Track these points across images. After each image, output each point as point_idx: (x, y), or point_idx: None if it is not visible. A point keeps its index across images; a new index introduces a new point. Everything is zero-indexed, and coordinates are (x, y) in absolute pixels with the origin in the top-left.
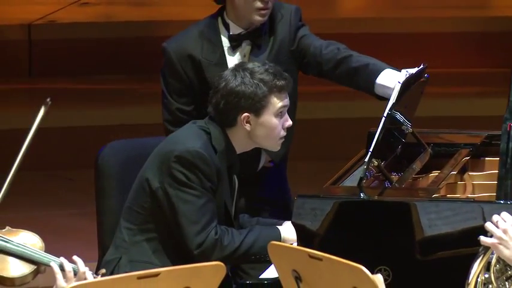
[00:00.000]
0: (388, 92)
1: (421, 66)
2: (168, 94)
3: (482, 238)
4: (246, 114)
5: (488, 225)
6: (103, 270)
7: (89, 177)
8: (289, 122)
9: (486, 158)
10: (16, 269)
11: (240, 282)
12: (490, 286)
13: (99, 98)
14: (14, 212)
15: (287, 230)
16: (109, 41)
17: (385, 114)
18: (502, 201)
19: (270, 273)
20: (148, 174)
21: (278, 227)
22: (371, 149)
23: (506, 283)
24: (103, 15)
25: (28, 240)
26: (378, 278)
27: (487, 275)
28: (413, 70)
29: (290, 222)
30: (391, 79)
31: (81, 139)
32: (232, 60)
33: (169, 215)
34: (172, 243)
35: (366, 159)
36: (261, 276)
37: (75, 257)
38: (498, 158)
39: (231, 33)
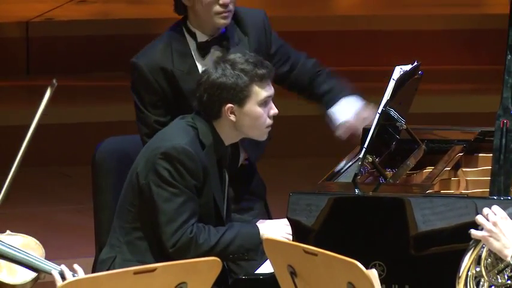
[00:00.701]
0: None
1: (415, 63)
2: (144, 108)
3: (472, 231)
4: (229, 105)
5: (479, 218)
6: None
7: (87, 174)
8: (275, 111)
9: (479, 154)
10: (17, 275)
11: (236, 278)
12: (482, 280)
13: (97, 95)
14: (12, 208)
15: (266, 228)
16: (106, 39)
17: (379, 111)
18: (495, 197)
19: (266, 268)
20: (138, 170)
21: (257, 224)
22: (365, 146)
23: (498, 277)
24: (100, 12)
25: (29, 247)
26: (373, 273)
27: (478, 269)
28: (407, 67)
29: (271, 221)
30: (343, 111)
31: (79, 136)
32: (203, 68)
33: (152, 212)
34: (158, 239)
35: (361, 156)
36: (256, 272)
37: (75, 266)
38: (491, 154)
39: (198, 41)
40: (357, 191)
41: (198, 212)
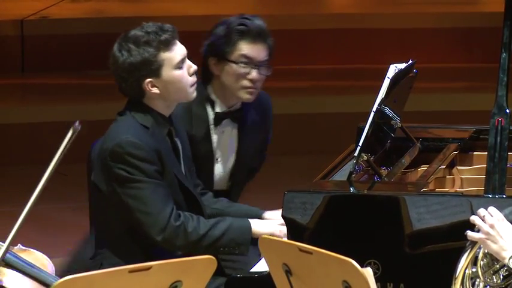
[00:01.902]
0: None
1: (410, 61)
2: None
3: (469, 233)
4: (147, 80)
5: (475, 220)
6: None
7: (83, 172)
8: (194, 67)
9: (474, 153)
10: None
11: (231, 276)
12: (477, 280)
13: (92, 93)
14: (9, 206)
15: (258, 224)
16: (101, 37)
17: (374, 109)
18: (490, 195)
19: (261, 266)
20: (95, 178)
21: (250, 220)
22: (360, 144)
23: (494, 277)
24: (95, 11)
25: (39, 262)
26: (368, 272)
27: (474, 269)
28: (402, 65)
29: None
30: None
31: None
32: (215, 138)
33: (126, 213)
34: (142, 237)
35: (356, 154)
36: (251, 270)
37: None
38: (486, 153)
39: (216, 111)
40: (351, 189)
41: (171, 197)
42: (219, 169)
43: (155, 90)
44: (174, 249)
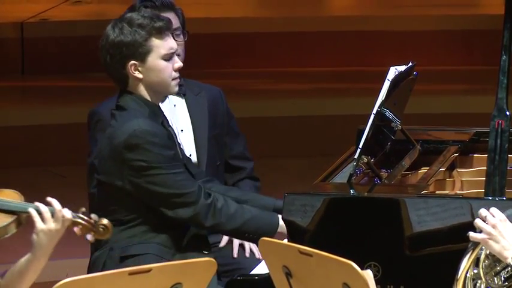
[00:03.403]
0: None
1: (410, 64)
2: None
3: (471, 234)
4: (132, 62)
5: (478, 222)
6: (83, 209)
7: (82, 174)
8: (179, 64)
9: (474, 155)
10: None
11: (231, 278)
12: (479, 281)
13: (92, 95)
14: None
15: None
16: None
17: (374, 112)
18: (490, 198)
19: (261, 269)
20: (103, 178)
21: (279, 215)
22: (360, 146)
23: (495, 278)
24: (95, 13)
25: (8, 195)
26: (368, 274)
27: (475, 271)
28: (402, 68)
29: None
30: None
31: (73, 136)
32: (166, 109)
33: (148, 200)
34: (154, 217)
35: (356, 156)
36: (251, 272)
37: (49, 198)
38: (486, 155)
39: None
40: (352, 192)
41: (191, 177)
42: (185, 140)
43: (138, 74)
44: (202, 226)
